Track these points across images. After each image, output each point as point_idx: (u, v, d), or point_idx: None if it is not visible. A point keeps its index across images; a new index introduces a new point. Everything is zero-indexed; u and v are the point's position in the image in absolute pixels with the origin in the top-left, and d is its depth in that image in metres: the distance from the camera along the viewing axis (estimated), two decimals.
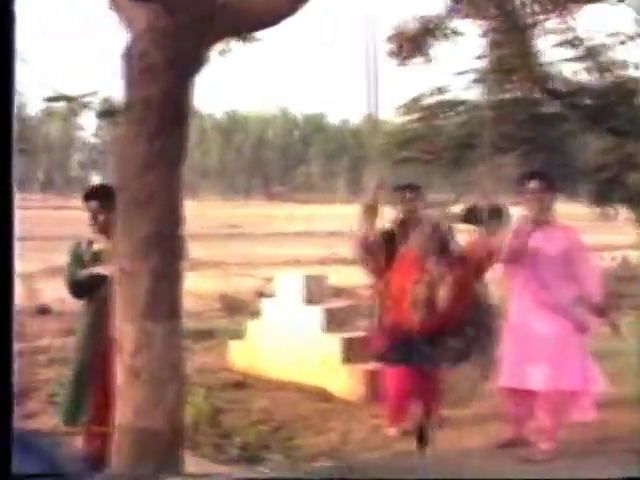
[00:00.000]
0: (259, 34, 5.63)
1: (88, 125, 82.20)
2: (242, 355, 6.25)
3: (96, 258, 3.71)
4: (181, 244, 3.10)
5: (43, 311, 9.09)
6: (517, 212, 4.18)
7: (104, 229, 3.69)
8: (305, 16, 3.31)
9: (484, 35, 6.34)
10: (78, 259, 3.75)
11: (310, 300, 5.96)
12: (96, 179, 78.71)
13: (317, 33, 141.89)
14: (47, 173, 79.12)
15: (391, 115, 7.49)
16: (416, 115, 7.23)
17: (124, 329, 2.96)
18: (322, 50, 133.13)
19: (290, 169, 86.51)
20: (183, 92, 2.98)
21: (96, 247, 3.76)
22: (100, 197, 3.71)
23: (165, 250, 2.95)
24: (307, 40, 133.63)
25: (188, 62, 2.98)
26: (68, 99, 5.44)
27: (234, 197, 79.16)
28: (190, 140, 3.10)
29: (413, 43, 6.52)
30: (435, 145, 6.82)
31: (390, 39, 6.57)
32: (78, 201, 4.05)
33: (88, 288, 3.65)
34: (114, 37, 3.18)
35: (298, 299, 5.96)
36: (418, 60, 6.61)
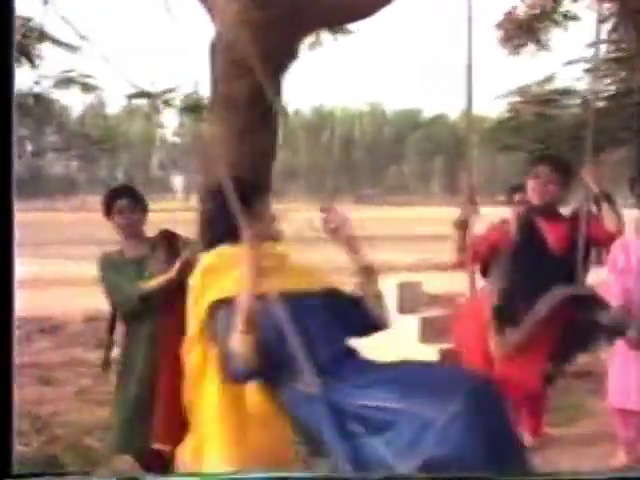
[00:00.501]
0: (352, 26, 5.71)
1: (170, 123, 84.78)
2: None
3: (140, 268, 3.57)
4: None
5: None
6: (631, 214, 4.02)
7: (136, 232, 3.65)
8: (399, 6, 3.31)
9: (601, 21, 6.19)
10: (120, 272, 3.58)
11: (404, 309, 5.96)
12: (177, 180, 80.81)
13: (412, 23, 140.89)
14: (127, 172, 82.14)
15: (492, 107, 7.42)
16: (523, 105, 7.13)
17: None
18: (416, 41, 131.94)
19: (381, 169, 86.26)
20: (273, 88, 3.03)
21: (130, 255, 3.63)
22: (129, 195, 3.64)
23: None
24: (400, 31, 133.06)
25: (279, 56, 3.03)
26: (149, 95, 5.68)
27: (321, 199, 79.72)
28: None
29: (524, 29, 6.43)
30: (542, 136, 6.71)
31: (500, 25, 6.50)
32: (159, 203, 4.11)
33: (151, 302, 3.49)
34: (200, 30, 3.26)
35: (391, 308, 5.94)
36: (530, 48, 6.51)
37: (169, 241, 3.65)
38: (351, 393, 2.22)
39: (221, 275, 2.45)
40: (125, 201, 3.59)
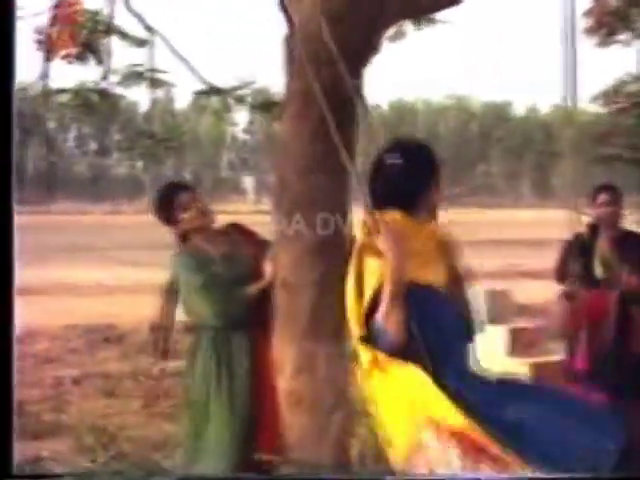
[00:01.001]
0: (438, 15, 5.65)
1: (240, 120, 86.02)
2: None
3: (225, 267, 3.53)
4: (349, 254, 3.15)
5: None
6: None
7: (208, 226, 3.62)
8: None
9: None
10: (203, 273, 3.52)
11: (493, 319, 5.89)
12: (248, 180, 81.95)
13: (500, 12, 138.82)
14: (195, 172, 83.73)
15: (586, 104, 7.19)
16: (617, 105, 6.90)
17: (283, 350, 3.05)
18: (505, 30, 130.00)
19: (466, 168, 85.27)
20: (352, 82, 3.00)
21: (210, 253, 3.57)
22: (188, 189, 3.63)
23: (331, 260, 3.00)
24: (486, 19, 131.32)
25: (359, 49, 3.00)
26: (219, 92, 5.75)
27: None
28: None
29: (617, 16, 6.24)
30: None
31: (588, 13, 6.32)
32: (228, 205, 4.12)
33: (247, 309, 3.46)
34: (273, 21, 3.30)
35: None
36: (622, 37, 6.31)
37: (244, 235, 3.65)
38: (490, 402, 2.26)
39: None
40: (184, 195, 3.58)
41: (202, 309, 3.49)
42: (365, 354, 2.36)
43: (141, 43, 5.59)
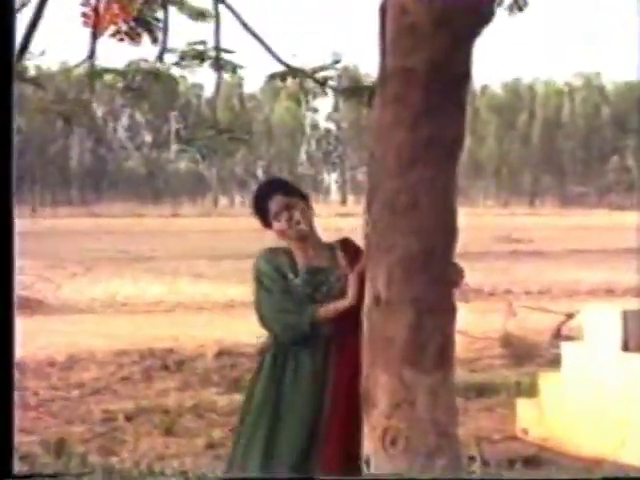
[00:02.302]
0: None
1: (322, 107, 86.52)
2: (534, 419, 6.21)
3: (315, 283, 3.67)
4: (454, 266, 3.15)
5: None
6: None
7: (308, 235, 3.71)
8: None
9: None
10: (288, 284, 3.67)
11: (630, 345, 5.78)
12: (332, 177, 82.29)
13: None
14: (268, 168, 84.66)
15: None
16: None
17: (375, 379, 3.02)
18: None
19: (595, 162, 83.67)
20: (458, 61, 2.98)
21: (303, 263, 3.70)
22: (285, 193, 3.69)
23: (433, 274, 2.98)
24: None
25: (466, 21, 2.95)
26: (297, 74, 5.76)
27: (518, 201, 78.62)
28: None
29: None
30: None
31: None
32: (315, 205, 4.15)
33: (322, 331, 3.61)
34: None
35: (613, 343, 5.80)
36: None
37: (352, 254, 3.71)
38: None
39: None
40: (279, 200, 3.66)
41: (267, 320, 3.67)
42: None
43: (204, 16, 5.65)
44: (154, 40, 5.60)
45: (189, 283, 17.29)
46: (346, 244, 3.81)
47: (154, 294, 15.50)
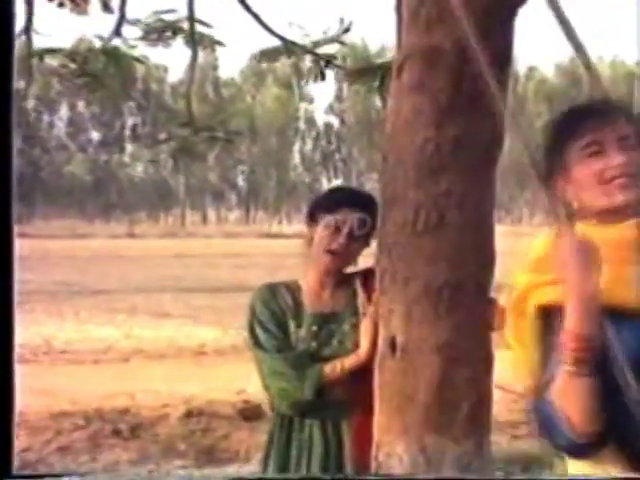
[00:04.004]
0: None
1: (322, 94, 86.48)
2: None
3: (328, 331, 3.66)
4: (490, 303, 3.15)
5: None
6: None
7: (337, 265, 3.71)
8: None
9: None
10: (281, 336, 3.66)
11: None
12: (333, 185, 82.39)
13: None
14: (251, 173, 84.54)
15: None
16: None
17: (391, 448, 3.07)
18: None
19: None
20: (494, 43, 2.97)
21: (317, 306, 3.71)
22: (371, 214, 3.58)
23: (464, 313, 3.01)
24: None
25: None
26: (290, 50, 5.77)
27: None
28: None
29: None
30: None
31: None
32: (302, 221, 4.11)
33: (331, 395, 3.58)
34: None
35: None
36: None
37: (369, 287, 3.64)
38: None
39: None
40: (350, 211, 3.66)
41: (264, 381, 3.69)
42: None
43: None
44: (106, 7, 5.61)
45: (149, 324, 17.25)
46: (367, 275, 3.70)
47: (103, 338, 15.45)
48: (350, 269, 3.77)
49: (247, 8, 5.18)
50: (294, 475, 3.57)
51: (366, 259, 3.56)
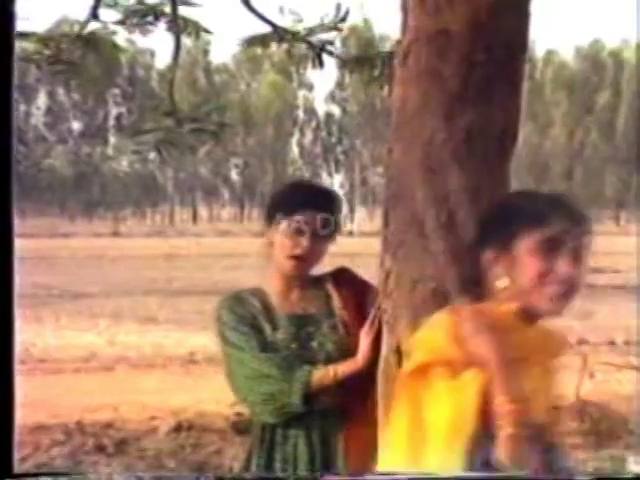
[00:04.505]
0: None
1: (321, 83, 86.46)
2: None
3: (304, 335, 3.65)
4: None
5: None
6: None
7: (302, 270, 3.69)
8: None
9: None
10: (260, 339, 3.62)
11: None
12: (335, 181, 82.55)
13: None
14: (244, 168, 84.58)
15: None
16: None
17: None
18: None
19: None
20: (511, 20, 3.02)
21: (287, 309, 3.69)
22: (325, 202, 3.69)
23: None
24: None
25: None
26: (286, 36, 5.79)
27: (597, 215, 78.37)
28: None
29: None
30: None
31: None
32: None
33: (322, 401, 3.57)
34: None
35: None
36: None
37: (350, 291, 3.71)
38: None
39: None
40: (320, 215, 3.63)
41: (242, 392, 3.66)
42: None
43: None
44: None
45: (134, 330, 17.26)
46: (341, 277, 3.79)
47: (85, 346, 15.46)
48: (317, 271, 3.76)
49: None
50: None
51: (367, 260, 3.57)
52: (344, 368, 3.49)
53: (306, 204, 3.61)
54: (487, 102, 2.99)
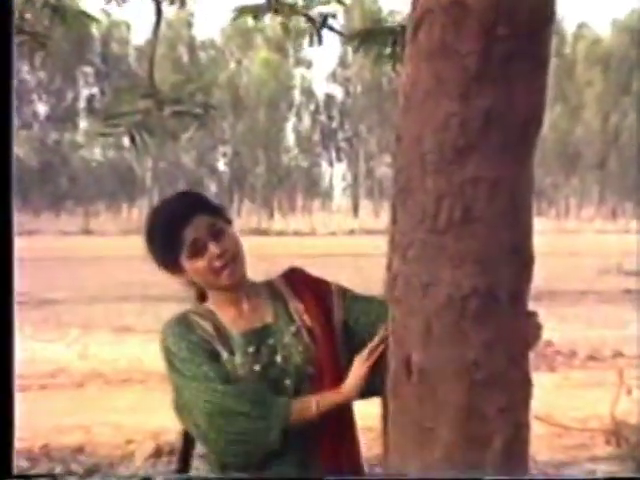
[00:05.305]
0: None
1: (321, 60, 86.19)
2: None
3: (262, 355, 3.55)
4: (528, 316, 3.19)
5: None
6: None
7: (239, 276, 3.62)
8: None
9: None
10: (218, 367, 3.51)
11: None
12: (335, 172, 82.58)
13: None
14: (234, 158, 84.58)
15: None
16: None
17: None
18: None
19: None
20: None
21: (239, 326, 3.60)
22: (211, 206, 3.69)
23: (496, 327, 3.02)
24: None
25: None
26: (281, 8, 5.80)
27: (633, 212, 78.36)
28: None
29: None
30: None
31: None
32: (295, 216, 4.08)
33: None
34: None
35: None
36: None
37: (304, 292, 3.69)
38: None
39: None
40: (211, 218, 3.60)
41: (202, 432, 3.55)
42: None
43: None
44: None
45: (108, 341, 17.30)
46: (294, 277, 3.77)
47: (53, 359, 15.48)
48: (264, 277, 3.75)
49: None
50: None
51: (372, 261, 3.58)
52: (328, 400, 3.45)
53: (196, 212, 3.59)
54: (509, 82, 2.99)
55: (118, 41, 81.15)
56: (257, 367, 3.48)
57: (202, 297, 3.71)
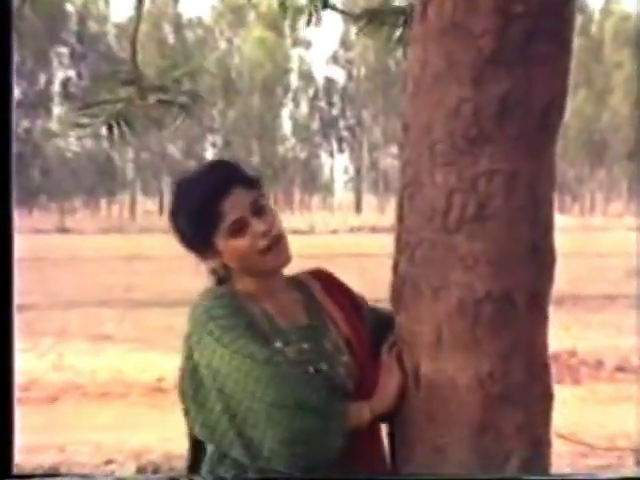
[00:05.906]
0: None
1: (321, 41, 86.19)
2: None
3: (314, 349, 3.44)
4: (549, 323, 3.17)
5: None
6: None
7: (285, 258, 3.50)
8: None
9: None
10: (271, 359, 3.22)
11: None
12: (337, 163, 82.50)
13: None
14: (226, 147, 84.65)
15: None
16: None
17: None
18: None
19: None
20: None
21: (283, 320, 3.45)
22: (251, 178, 3.54)
23: (513, 335, 3.05)
24: None
25: None
26: None
27: None
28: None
29: None
30: None
31: None
32: (293, 212, 4.06)
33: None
34: None
35: None
36: None
37: (335, 298, 3.61)
38: None
39: None
40: (252, 191, 3.48)
41: (265, 426, 3.20)
42: None
43: None
44: None
45: (86, 351, 17.29)
46: (324, 279, 3.69)
47: (25, 370, 15.48)
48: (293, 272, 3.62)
49: None
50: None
51: (377, 261, 3.58)
52: (379, 406, 3.31)
53: (235, 184, 3.47)
54: (527, 65, 3.00)
55: (96, 18, 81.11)
56: (310, 367, 3.34)
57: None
